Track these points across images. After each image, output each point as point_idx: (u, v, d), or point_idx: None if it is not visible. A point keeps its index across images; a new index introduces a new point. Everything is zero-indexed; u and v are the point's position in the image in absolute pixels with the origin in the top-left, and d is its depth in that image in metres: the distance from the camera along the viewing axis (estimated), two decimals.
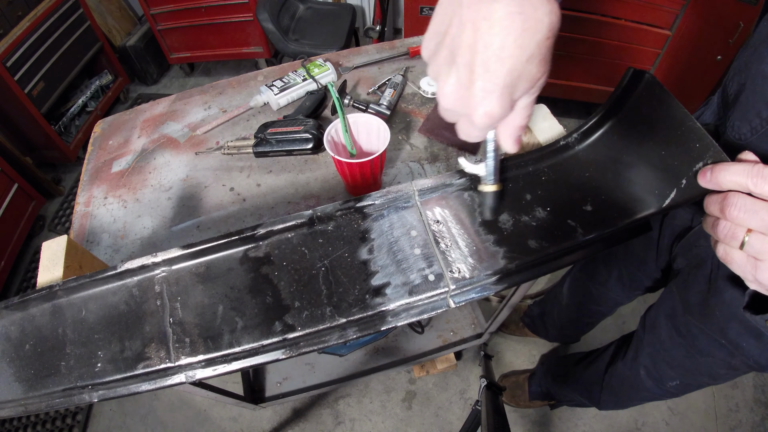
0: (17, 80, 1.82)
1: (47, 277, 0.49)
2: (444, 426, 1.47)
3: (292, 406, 1.52)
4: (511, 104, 0.33)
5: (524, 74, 0.31)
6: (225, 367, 0.42)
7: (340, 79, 0.98)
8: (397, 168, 0.78)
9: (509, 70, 0.30)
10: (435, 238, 0.45)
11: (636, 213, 0.45)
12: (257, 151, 0.80)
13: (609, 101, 0.49)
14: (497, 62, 0.30)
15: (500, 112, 0.32)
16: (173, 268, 0.46)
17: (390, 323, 0.42)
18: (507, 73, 0.30)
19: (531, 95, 0.34)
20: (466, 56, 0.31)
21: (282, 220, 0.46)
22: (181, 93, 0.99)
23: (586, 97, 2.08)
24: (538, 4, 0.29)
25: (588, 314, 1.25)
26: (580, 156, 0.50)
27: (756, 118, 0.50)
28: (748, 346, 0.64)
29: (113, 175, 0.83)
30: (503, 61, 0.30)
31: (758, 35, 0.52)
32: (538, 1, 0.29)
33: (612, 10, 1.73)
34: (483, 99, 0.32)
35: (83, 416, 1.53)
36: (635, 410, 1.46)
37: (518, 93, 0.33)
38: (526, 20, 0.29)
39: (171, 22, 2.37)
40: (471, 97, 0.32)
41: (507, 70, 0.30)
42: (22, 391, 0.43)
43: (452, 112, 0.35)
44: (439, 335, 1.39)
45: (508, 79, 0.31)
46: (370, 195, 0.47)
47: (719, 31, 1.67)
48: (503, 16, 0.29)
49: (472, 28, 0.30)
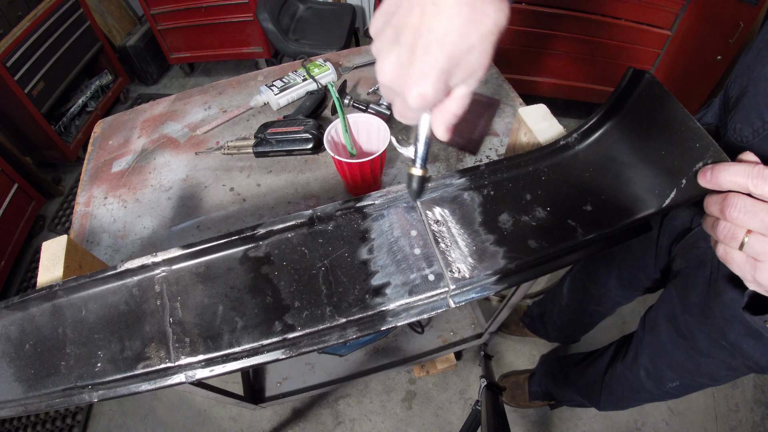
0: (17, 80, 1.82)
1: (47, 277, 0.49)
2: (444, 426, 1.47)
3: (292, 406, 1.52)
4: (446, 90, 0.34)
5: (463, 63, 0.32)
6: (225, 367, 0.42)
7: (340, 79, 0.98)
8: (397, 168, 0.78)
9: (448, 56, 0.31)
10: (435, 238, 0.45)
11: (636, 213, 0.45)
12: (257, 151, 0.80)
13: (609, 101, 0.49)
14: (438, 47, 0.31)
15: (433, 95, 0.33)
16: (173, 268, 0.46)
17: (390, 323, 0.42)
18: (445, 59, 0.31)
19: (468, 86, 0.35)
20: (410, 37, 0.32)
21: (282, 220, 0.46)
22: (181, 93, 0.99)
23: (586, 97, 2.08)
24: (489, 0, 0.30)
25: (588, 314, 1.25)
26: (580, 156, 0.50)
27: (758, 120, 0.50)
28: (747, 347, 0.64)
29: (113, 175, 0.83)
30: (444, 46, 0.31)
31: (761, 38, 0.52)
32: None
33: (612, 10, 1.73)
34: (418, 80, 0.33)
35: (83, 416, 1.53)
36: (635, 410, 1.46)
37: (454, 80, 0.34)
38: (474, 12, 0.30)
39: (171, 22, 2.37)
40: (408, 77, 0.33)
41: (446, 55, 0.31)
42: (22, 391, 0.43)
43: (389, 89, 0.36)
44: (439, 335, 1.39)
45: (445, 65, 0.32)
46: (370, 195, 0.47)
47: (719, 31, 1.67)
48: (452, 5, 0.30)
49: (420, 11, 0.31)
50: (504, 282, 0.44)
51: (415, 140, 0.42)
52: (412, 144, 0.43)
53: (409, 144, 0.45)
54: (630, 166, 0.46)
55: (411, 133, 0.42)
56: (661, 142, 0.44)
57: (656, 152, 0.45)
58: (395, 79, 0.34)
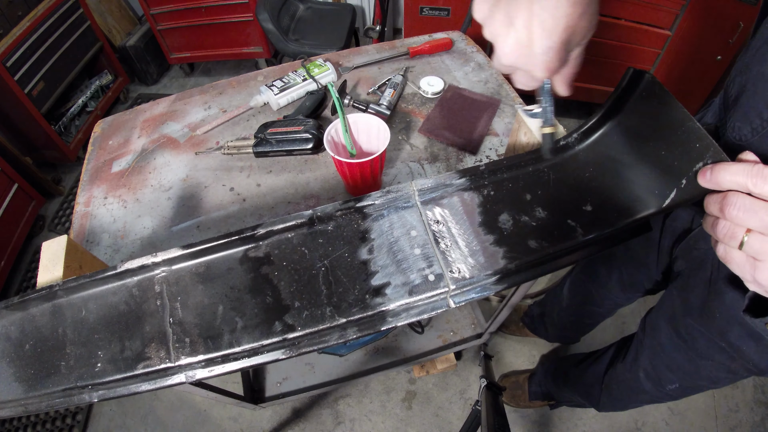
0: (17, 80, 1.82)
1: (47, 277, 0.49)
2: (444, 426, 1.47)
3: (292, 406, 1.52)
4: (567, 56, 0.38)
5: (577, 30, 0.36)
6: (225, 367, 0.42)
7: (340, 79, 0.98)
8: (397, 168, 0.78)
9: (564, 28, 0.35)
10: (435, 238, 0.45)
11: (636, 213, 0.45)
12: (257, 150, 0.80)
13: (609, 101, 0.49)
14: (553, 21, 0.34)
15: (559, 65, 0.38)
16: (173, 268, 0.46)
17: (390, 323, 0.42)
18: (563, 31, 0.35)
19: (582, 46, 0.39)
20: (523, 18, 0.35)
21: (282, 220, 0.46)
22: (181, 93, 0.99)
23: (586, 97, 2.08)
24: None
25: (588, 315, 1.25)
26: (580, 156, 0.50)
27: (757, 118, 0.50)
28: (748, 349, 0.64)
29: (113, 175, 0.83)
30: (558, 20, 0.34)
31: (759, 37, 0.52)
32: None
33: (612, 10, 1.73)
34: (543, 55, 0.36)
35: (83, 416, 1.53)
36: (635, 410, 1.46)
37: (572, 46, 0.37)
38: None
39: (171, 22, 2.37)
40: (531, 55, 0.37)
41: (562, 28, 0.35)
42: (22, 391, 0.43)
43: (511, 67, 0.40)
44: (439, 335, 1.39)
45: (564, 36, 0.35)
46: (370, 195, 0.47)
47: (719, 31, 1.67)
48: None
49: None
50: (504, 282, 0.44)
51: (543, 103, 0.47)
52: (537, 107, 0.48)
53: (531, 112, 0.52)
54: (630, 166, 0.46)
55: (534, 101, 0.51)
56: (661, 142, 0.44)
57: (656, 152, 0.45)
58: (519, 59, 0.37)
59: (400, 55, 1.02)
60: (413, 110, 0.90)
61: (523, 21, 0.35)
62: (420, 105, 0.91)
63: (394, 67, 1.00)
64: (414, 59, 1.02)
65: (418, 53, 1.01)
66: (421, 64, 1.01)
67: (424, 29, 1.92)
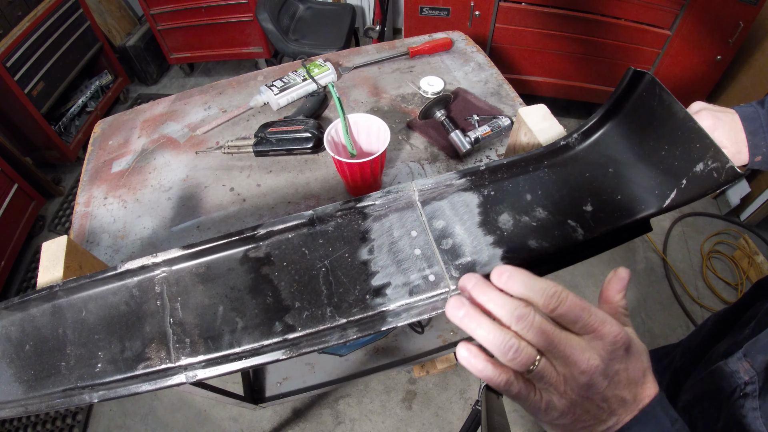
0: (17, 80, 1.82)
1: (47, 278, 0.49)
2: (444, 426, 1.47)
3: (292, 406, 1.52)
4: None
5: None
6: (225, 368, 0.42)
7: (340, 79, 0.98)
8: (397, 168, 0.78)
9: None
10: (435, 239, 0.45)
11: (636, 213, 0.45)
12: (257, 150, 0.80)
13: (609, 101, 0.49)
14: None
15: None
16: (173, 269, 0.46)
17: (390, 323, 0.42)
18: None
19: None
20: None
21: (282, 220, 0.46)
22: (181, 93, 0.98)
23: (586, 97, 2.08)
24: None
25: None
26: (580, 156, 0.50)
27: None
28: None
29: (113, 175, 0.83)
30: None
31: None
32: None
33: (612, 10, 1.73)
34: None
35: (83, 416, 1.53)
36: None
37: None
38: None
39: (171, 22, 2.37)
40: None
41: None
42: (23, 392, 0.43)
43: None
44: (439, 335, 1.39)
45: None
46: (370, 195, 0.47)
47: (719, 31, 1.67)
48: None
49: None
50: None
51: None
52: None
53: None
54: (630, 166, 0.46)
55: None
56: (662, 143, 0.44)
57: (656, 152, 0.45)
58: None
59: (400, 55, 1.02)
60: (413, 110, 0.90)
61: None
62: (420, 105, 0.91)
63: (394, 67, 1.00)
64: (414, 59, 1.02)
65: (417, 53, 1.01)
66: (421, 64, 1.01)
67: (424, 29, 1.92)
